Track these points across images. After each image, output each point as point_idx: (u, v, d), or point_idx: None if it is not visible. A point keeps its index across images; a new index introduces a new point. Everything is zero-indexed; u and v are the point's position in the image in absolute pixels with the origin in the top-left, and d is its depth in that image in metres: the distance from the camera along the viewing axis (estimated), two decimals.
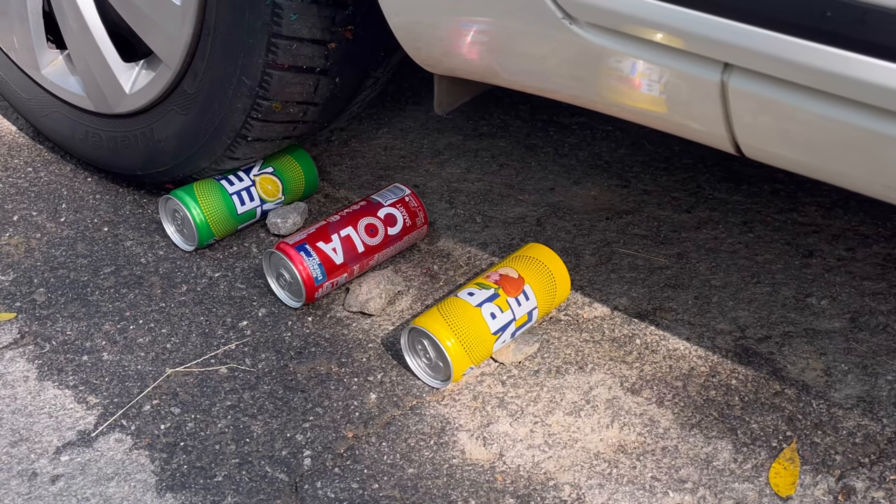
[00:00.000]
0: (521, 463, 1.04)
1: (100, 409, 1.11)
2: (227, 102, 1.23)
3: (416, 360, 1.14)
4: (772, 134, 0.87)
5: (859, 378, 1.14)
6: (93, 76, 1.36)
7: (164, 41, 1.24)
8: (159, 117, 1.34)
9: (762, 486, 1.01)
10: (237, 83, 1.20)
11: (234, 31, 1.16)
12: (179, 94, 1.29)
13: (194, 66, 1.23)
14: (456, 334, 1.09)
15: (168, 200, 1.35)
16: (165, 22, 1.21)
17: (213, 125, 1.27)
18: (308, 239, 1.24)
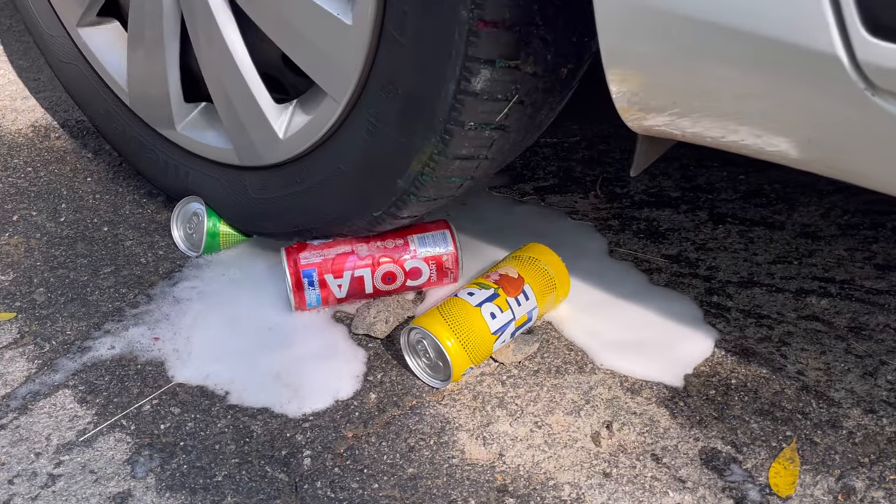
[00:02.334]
0: (521, 463, 1.04)
1: (99, 408, 1.11)
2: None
3: (416, 359, 1.14)
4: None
5: (859, 378, 1.14)
6: (240, 124, 1.18)
7: (333, 69, 1.04)
8: (314, 165, 1.15)
9: (762, 486, 1.01)
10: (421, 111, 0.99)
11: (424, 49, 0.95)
12: (345, 135, 1.09)
13: (368, 96, 1.03)
14: (456, 334, 1.09)
15: (186, 205, 1.36)
16: (334, 44, 1.02)
17: (382, 170, 1.07)
18: (321, 267, 1.20)
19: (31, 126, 1.69)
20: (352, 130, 1.07)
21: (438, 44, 0.92)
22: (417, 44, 0.94)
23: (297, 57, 1.07)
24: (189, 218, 1.36)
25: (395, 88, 0.99)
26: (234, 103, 1.16)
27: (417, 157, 1.02)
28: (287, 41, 1.07)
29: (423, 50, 0.94)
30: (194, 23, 1.14)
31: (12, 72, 1.88)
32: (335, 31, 1.00)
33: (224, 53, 1.12)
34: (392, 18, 0.94)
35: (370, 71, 1.00)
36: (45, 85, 1.82)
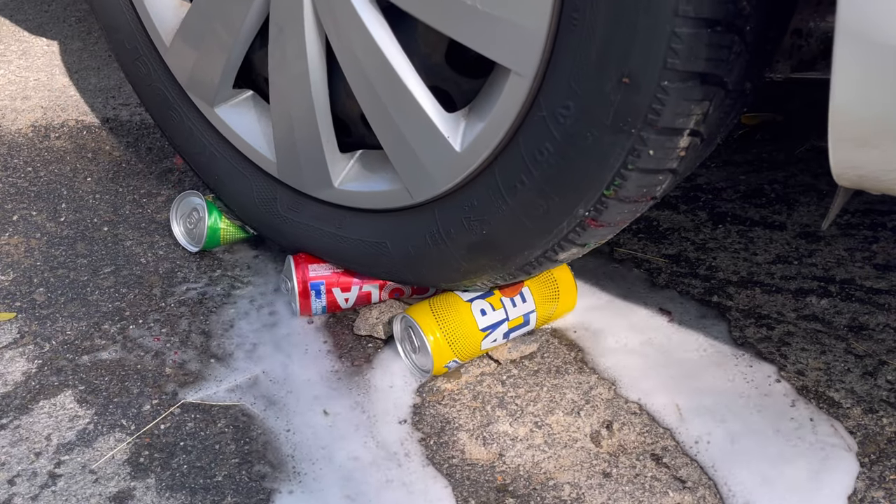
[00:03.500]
0: (521, 463, 1.04)
1: (99, 408, 1.11)
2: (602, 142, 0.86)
3: (405, 348, 1.16)
4: None
5: (859, 378, 1.14)
6: (409, 149, 1.03)
7: (514, 35, 0.87)
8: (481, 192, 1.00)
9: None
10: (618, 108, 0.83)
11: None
12: (530, 135, 0.93)
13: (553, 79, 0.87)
14: (441, 327, 1.10)
15: (185, 199, 1.36)
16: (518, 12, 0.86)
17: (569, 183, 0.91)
18: (329, 280, 1.20)
19: (31, 126, 1.69)
20: (535, 131, 0.92)
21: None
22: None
23: (467, 35, 0.91)
24: (189, 213, 1.36)
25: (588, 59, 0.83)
26: (400, 125, 1.02)
27: (613, 165, 0.87)
28: (450, 19, 0.91)
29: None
30: (344, 48, 1.02)
31: (12, 72, 1.88)
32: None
33: (382, 67, 0.99)
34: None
35: (558, 25, 0.84)
36: (44, 85, 1.83)
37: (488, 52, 0.90)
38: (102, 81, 1.85)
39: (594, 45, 0.81)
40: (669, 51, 0.76)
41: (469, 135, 0.98)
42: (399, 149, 1.04)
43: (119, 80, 1.85)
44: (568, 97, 0.86)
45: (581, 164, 0.88)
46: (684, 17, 0.74)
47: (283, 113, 1.13)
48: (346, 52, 1.01)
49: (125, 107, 1.76)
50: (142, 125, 1.71)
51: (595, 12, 0.79)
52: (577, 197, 0.91)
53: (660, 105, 0.80)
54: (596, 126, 0.85)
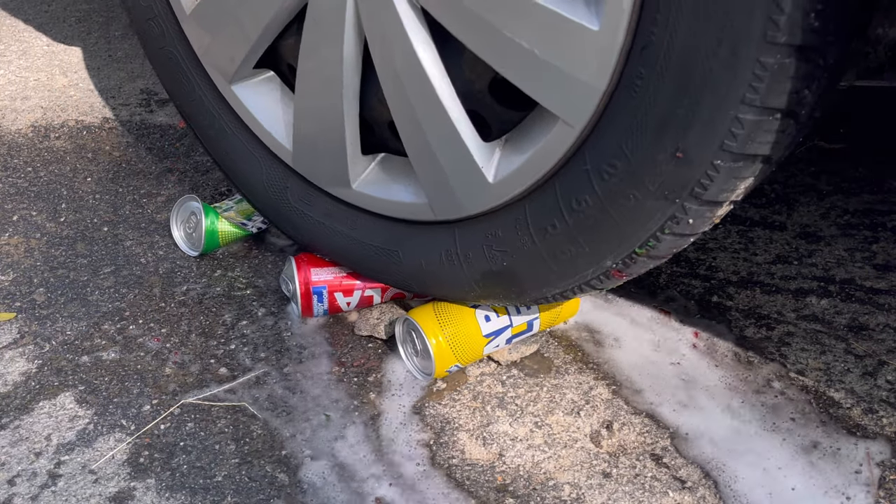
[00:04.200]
0: (521, 463, 1.04)
1: (99, 408, 1.11)
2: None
3: (406, 350, 1.15)
4: None
5: (859, 378, 1.14)
6: (439, 169, 1.01)
7: (568, 87, 0.86)
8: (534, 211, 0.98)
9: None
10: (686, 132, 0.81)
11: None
12: (571, 178, 0.92)
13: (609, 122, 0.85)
14: (444, 331, 1.09)
15: (184, 204, 1.36)
16: (572, 56, 0.84)
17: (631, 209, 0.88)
18: (331, 285, 1.20)
19: (31, 126, 1.69)
20: (575, 181, 0.91)
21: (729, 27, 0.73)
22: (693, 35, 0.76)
23: (519, 77, 0.89)
24: (187, 217, 1.36)
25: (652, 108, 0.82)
26: (432, 145, 0.99)
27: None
28: (505, 59, 0.89)
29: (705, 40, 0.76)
30: (384, 59, 0.99)
31: (12, 72, 1.88)
32: (573, 39, 0.83)
33: (422, 86, 0.96)
34: (651, 17, 0.78)
35: (617, 85, 0.83)
36: (44, 85, 1.83)
37: (540, 97, 0.88)
38: (102, 81, 1.85)
39: (654, 114, 0.81)
40: (729, 134, 0.77)
41: (503, 167, 0.97)
42: (428, 166, 1.02)
43: (119, 81, 1.85)
44: (616, 157, 0.86)
45: (618, 222, 0.89)
46: (749, 105, 0.75)
47: (308, 105, 1.10)
48: (385, 62, 0.99)
49: (125, 107, 1.76)
50: (142, 125, 1.71)
51: (660, 84, 0.79)
52: (607, 250, 0.92)
53: (708, 181, 0.81)
54: (640, 190, 0.85)
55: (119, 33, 2.06)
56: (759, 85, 0.73)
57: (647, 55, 0.79)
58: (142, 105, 1.77)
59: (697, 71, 0.76)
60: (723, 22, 0.72)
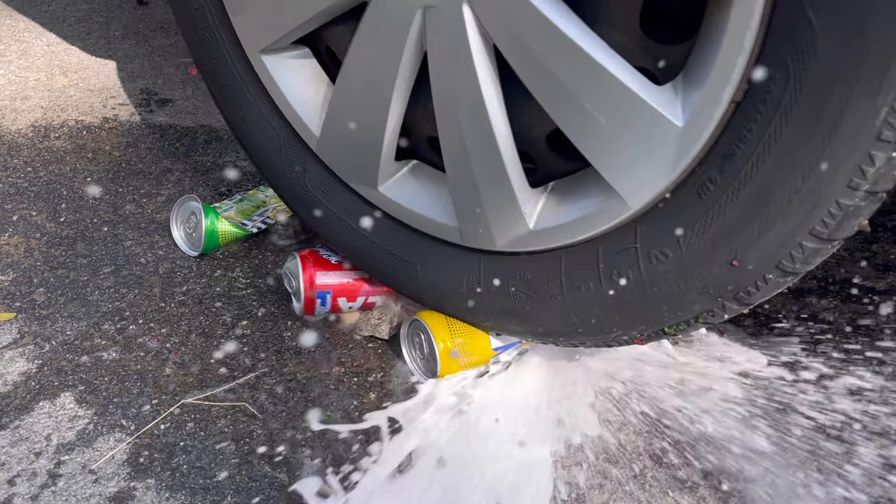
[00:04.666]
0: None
1: (99, 408, 1.11)
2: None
3: (412, 351, 1.15)
4: None
5: (859, 378, 1.14)
6: (477, 200, 0.98)
7: (636, 173, 0.85)
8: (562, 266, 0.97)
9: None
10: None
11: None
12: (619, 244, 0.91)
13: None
14: (453, 338, 1.09)
15: (183, 204, 1.36)
16: (647, 145, 0.83)
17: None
18: (336, 290, 1.20)
19: (31, 126, 1.69)
20: (620, 256, 0.91)
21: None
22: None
23: (583, 144, 0.87)
24: (187, 217, 1.36)
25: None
26: (476, 176, 0.96)
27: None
28: (572, 122, 0.87)
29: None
30: (442, 81, 0.94)
31: (12, 72, 1.88)
32: (652, 127, 0.81)
33: (478, 118, 0.92)
34: (740, 132, 0.77)
35: (685, 182, 0.83)
36: (44, 85, 1.83)
37: (602, 168, 0.87)
38: (102, 81, 1.85)
39: (718, 222, 0.82)
40: (788, 256, 0.80)
41: (545, 216, 0.96)
42: (467, 194, 0.99)
43: (119, 81, 1.85)
44: (669, 247, 0.87)
45: (655, 304, 0.90)
46: (816, 237, 0.78)
47: (348, 99, 1.05)
48: (442, 84, 0.94)
49: (125, 107, 1.76)
50: (141, 125, 1.71)
51: (733, 197, 0.80)
52: (637, 324, 0.93)
53: (755, 290, 0.83)
54: (686, 283, 0.87)
55: (119, 33, 2.06)
56: (831, 221, 0.76)
57: (725, 166, 0.80)
58: (142, 105, 1.77)
59: (775, 198, 0.78)
60: (813, 164, 0.74)
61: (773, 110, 0.74)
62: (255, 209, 1.40)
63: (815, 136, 0.73)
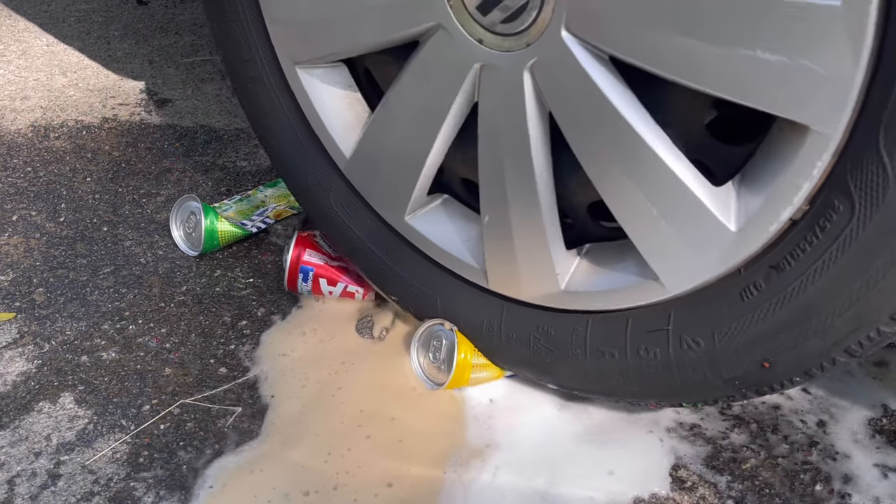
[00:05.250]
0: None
1: (99, 408, 1.11)
2: None
3: (421, 355, 1.14)
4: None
5: (860, 378, 1.14)
6: (510, 253, 0.98)
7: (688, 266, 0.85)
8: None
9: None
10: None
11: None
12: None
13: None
14: (476, 355, 1.10)
15: (183, 204, 1.36)
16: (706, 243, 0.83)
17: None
18: (319, 270, 1.24)
19: (30, 126, 1.69)
20: (651, 334, 0.92)
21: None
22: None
23: (630, 227, 0.87)
24: (187, 217, 1.37)
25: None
26: (513, 230, 0.96)
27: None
28: (621, 205, 0.86)
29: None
30: (493, 133, 0.93)
31: (12, 72, 1.88)
32: (701, 224, 0.82)
33: (523, 173, 0.92)
34: (789, 251, 0.79)
35: (726, 281, 0.84)
36: (44, 85, 1.83)
37: (645, 252, 0.88)
38: (102, 81, 1.85)
39: (757, 325, 0.84)
40: (819, 367, 0.82)
41: (578, 279, 0.96)
42: (497, 242, 0.99)
43: (118, 81, 1.85)
44: (703, 337, 0.88)
45: (677, 384, 0.92)
46: (850, 354, 0.80)
47: (388, 126, 1.02)
48: (492, 132, 0.93)
49: (124, 107, 1.76)
50: (141, 125, 1.71)
51: (774, 309, 0.82)
52: (655, 395, 0.95)
53: (779, 387, 0.86)
54: (713, 372, 0.89)
55: (119, 33, 2.06)
56: (868, 343, 0.78)
57: (773, 276, 0.81)
58: (141, 105, 1.77)
59: (818, 317, 0.79)
60: (862, 294, 0.76)
61: (831, 238, 0.75)
62: (254, 209, 1.40)
63: (870, 269, 0.74)
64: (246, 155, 1.63)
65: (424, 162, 1.00)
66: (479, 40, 0.88)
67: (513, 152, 0.92)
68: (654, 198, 0.83)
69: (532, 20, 0.83)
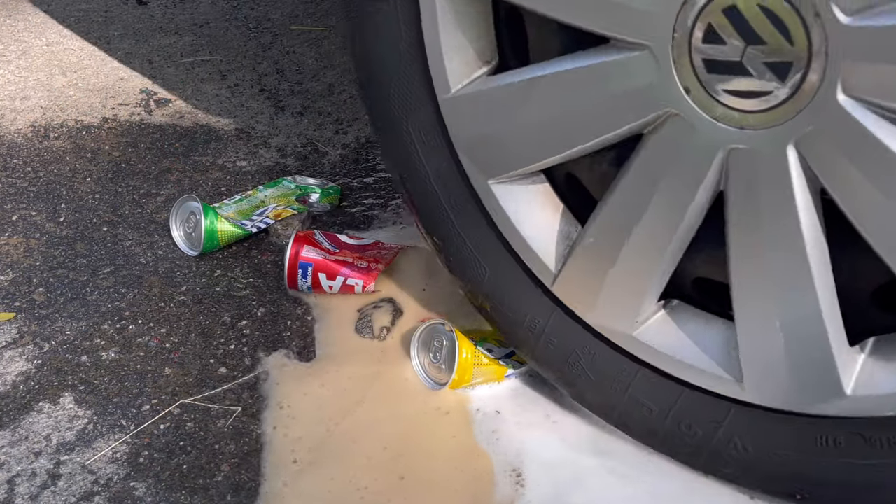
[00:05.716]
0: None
1: (99, 408, 1.11)
2: None
3: (422, 355, 1.14)
4: None
5: None
6: (777, 353, 0.87)
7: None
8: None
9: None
10: None
11: None
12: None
13: None
14: (478, 355, 1.10)
15: (183, 204, 1.37)
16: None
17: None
18: (317, 265, 1.25)
19: (30, 126, 1.69)
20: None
21: None
22: None
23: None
24: (187, 217, 1.37)
25: None
26: (779, 330, 0.86)
27: None
28: None
29: None
30: (749, 224, 0.83)
31: (12, 72, 1.88)
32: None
33: (793, 265, 0.82)
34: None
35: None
36: (44, 85, 1.83)
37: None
38: (102, 81, 1.85)
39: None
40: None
41: (866, 381, 0.86)
42: (761, 346, 0.88)
43: (118, 81, 1.85)
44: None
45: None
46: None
47: (609, 235, 0.92)
48: (746, 225, 0.84)
49: (124, 106, 1.76)
50: (141, 125, 1.71)
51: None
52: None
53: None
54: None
55: (118, 33, 2.06)
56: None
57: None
58: (141, 105, 1.77)
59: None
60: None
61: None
62: (254, 209, 1.40)
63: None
64: (246, 155, 1.63)
65: (657, 268, 0.90)
66: (726, 121, 0.79)
67: (776, 240, 0.81)
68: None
69: (796, 88, 0.74)
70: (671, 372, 0.95)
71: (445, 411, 1.10)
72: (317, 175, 1.56)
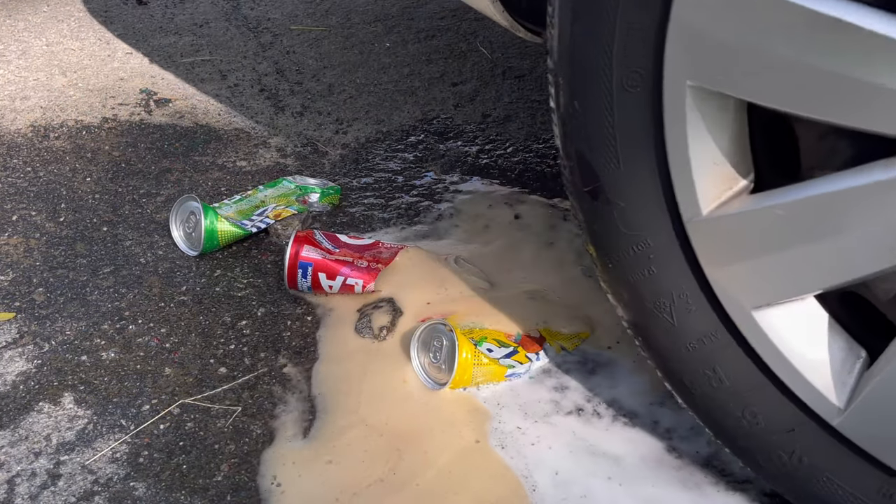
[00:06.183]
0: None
1: (99, 408, 1.11)
2: None
3: (422, 355, 1.14)
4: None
5: None
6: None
7: None
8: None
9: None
10: None
11: None
12: None
13: None
14: (478, 355, 1.10)
15: (183, 204, 1.36)
16: None
17: None
18: (317, 264, 1.25)
19: (30, 126, 1.69)
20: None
21: None
22: None
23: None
24: (187, 217, 1.36)
25: None
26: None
27: None
28: None
29: None
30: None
31: (11, 72, 1.88)
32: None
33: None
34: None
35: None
36: (43, 85, 1.83)
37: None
38: (102, 81, 1.85)
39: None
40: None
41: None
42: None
43: (118, 81, 1.85)
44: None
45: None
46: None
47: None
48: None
49: (124, 107, 1.76)
50: (141, 125, 1.71)
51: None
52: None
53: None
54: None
55: (119, 33, 2.06)
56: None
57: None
58: (141, 105, 1.77)
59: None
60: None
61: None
62: (254, 209, 1.40)
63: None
64: (246, 155, 1.63)
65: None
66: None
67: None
68: None
69: None
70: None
71: (445, 411, 1.10)
72: (317, 175, 1.56)
